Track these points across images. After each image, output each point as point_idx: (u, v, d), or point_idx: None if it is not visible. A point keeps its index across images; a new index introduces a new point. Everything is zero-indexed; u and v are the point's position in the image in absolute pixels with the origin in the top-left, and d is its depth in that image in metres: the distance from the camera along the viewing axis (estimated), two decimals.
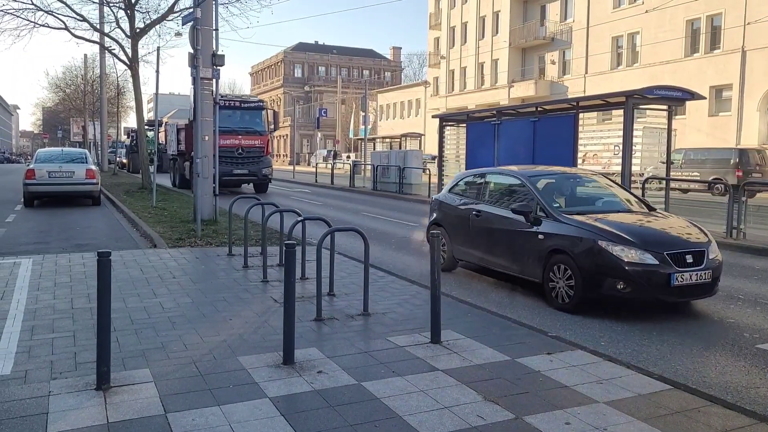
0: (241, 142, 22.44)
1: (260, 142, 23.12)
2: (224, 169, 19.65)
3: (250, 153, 22.74)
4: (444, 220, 9.20)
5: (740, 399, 4.49)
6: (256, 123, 23.33)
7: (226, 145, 20.83)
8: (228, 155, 21.26)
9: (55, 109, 70.19)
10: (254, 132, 23.11)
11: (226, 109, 21.21)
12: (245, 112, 23.13)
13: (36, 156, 19.02)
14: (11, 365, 4.60)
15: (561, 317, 6.63)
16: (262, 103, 24.11)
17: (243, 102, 23.48)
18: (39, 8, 20.56)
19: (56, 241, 11.38)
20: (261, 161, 23.03)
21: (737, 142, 31.43)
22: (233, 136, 22.00)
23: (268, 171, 23.37)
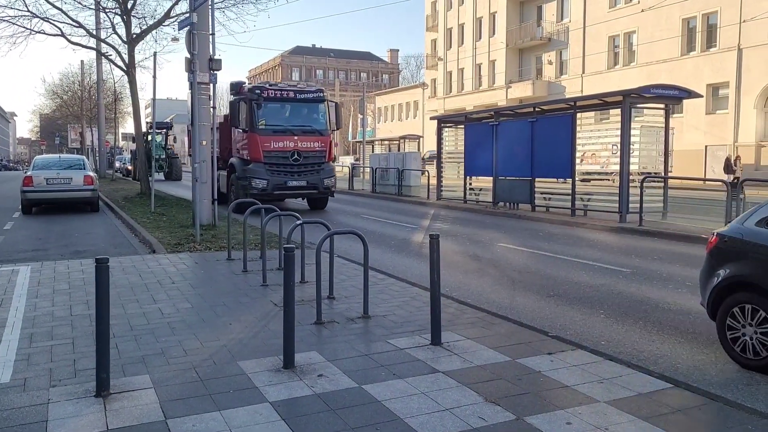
0: (298, 144, 17.07)
1: (321, 144, 17.58)
2: (276, 180, 16.75)
3: (308, 159, 17.26)
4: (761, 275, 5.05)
5: (741, 396, 4.48)
6: (315, 119, 17.85)
7: (278, 148, 16.82)
8: (280, 162, 16.88)
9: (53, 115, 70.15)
10: (313, 131, 17.58)
11: (276, 102, 17.29)
12: (301, 106, 17.82)
13: (33, 163, 18.99)
14: (10, 373, 4.58)
15: (561, 318, 6.63)
16: (322, 93, 18.22)
17: (298, 92, 17.75)
18: (35, 15, 20.56)
19: (55, 248, 11.37)
20: (322, 169, 17.56)
21: (734, 139, 31.49)
22: (287, 137, 17.07)
23: (331, 182, 17.84)
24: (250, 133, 16.81)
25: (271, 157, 16.69)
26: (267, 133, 16.77)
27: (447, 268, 9.09)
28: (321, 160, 17.57)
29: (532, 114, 17.77)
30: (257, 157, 16.69)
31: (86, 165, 19.01)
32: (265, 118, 17.06)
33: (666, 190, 15.11)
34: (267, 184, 16.59)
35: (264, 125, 16.88)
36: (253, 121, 16.79)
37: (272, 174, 16.72)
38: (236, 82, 18.06)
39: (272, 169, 16.73)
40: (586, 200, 16.18)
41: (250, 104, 16.83)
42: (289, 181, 17.04)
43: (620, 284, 8.26)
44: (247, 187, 16.45)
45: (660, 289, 7.98)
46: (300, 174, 17.23)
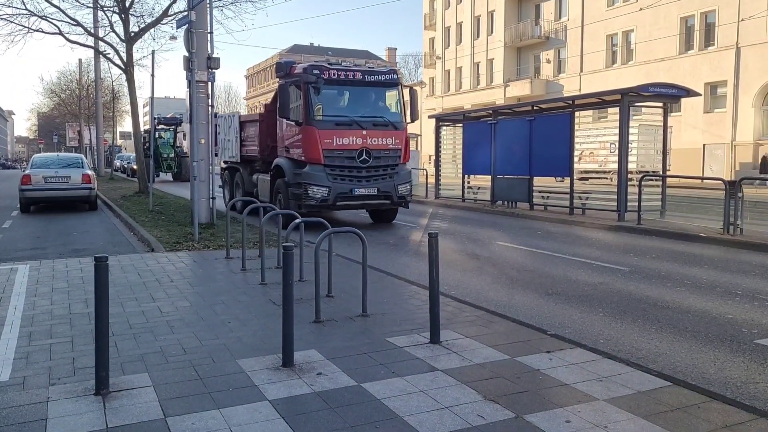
0: (367, 140, 13.11)
1: (395, 140, 13.52)
2: (340, 187, 12.85)
3: (379, 160, 13.30)
4: None
5: (740, 394, 4.49)
6: (387, 108, 13.95)
7: (342, 146, 12.90)
8: (344, 164, 12.96)
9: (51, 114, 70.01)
10: (386, 124, 13.48)
11: (339, 86, 13.38)
12: (371, 91, 13.80)
13: (32, 161, 18.98)
14: (9, 371, 4.58)
15: (560, 316, 6.64)
16: (396, 75, 14.14)
17: (367, 73, 13.57)
18: (33, 13, 20.52)
19: (53, 246, 11.35)
20: (396, 173, 13.54)
21: (732, 138, 31.52)
22: (353, 131, 13.05)
23: (407, 190, 13.82)
24: (305, 127, 12.91)
25: (334, 158, 12.82)
26: (328, 126, 12.83)
27: (446, 266, 9.10)
28: (395, 162, 13.51)
29: (531, 113, 17.78)
30: (315, 157, 12.80)
31: (84, 164, 19.00)
32: (325, 106, 13.17)
33: (664, 189, 15.14)
34: (328, 193, 12.70)
35: (323, 116, 13.02)
36: (309, 111, 12.85)
37: (334, 179, 12.82)
38: (285, 61, 14.19)
39: (334, 173, 12.83)
40: (585, 199, 16.19)
41: (305, 89, 12.94)
42: (355, 189, 12.97)
43: (618, 283, 8.27)
44: (302, 196, 12.79)
45: (658, 287, 7.99)
46: (369, 179, 13.17)
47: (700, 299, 7.34)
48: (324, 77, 12.95)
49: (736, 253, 10.69)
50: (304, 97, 12.92)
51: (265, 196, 14.56)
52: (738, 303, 7.19)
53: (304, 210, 12.21)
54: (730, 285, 8.08)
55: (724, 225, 12.00)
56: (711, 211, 14.46)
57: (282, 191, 13.59)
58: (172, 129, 36.41)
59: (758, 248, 10.90)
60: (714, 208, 14.07)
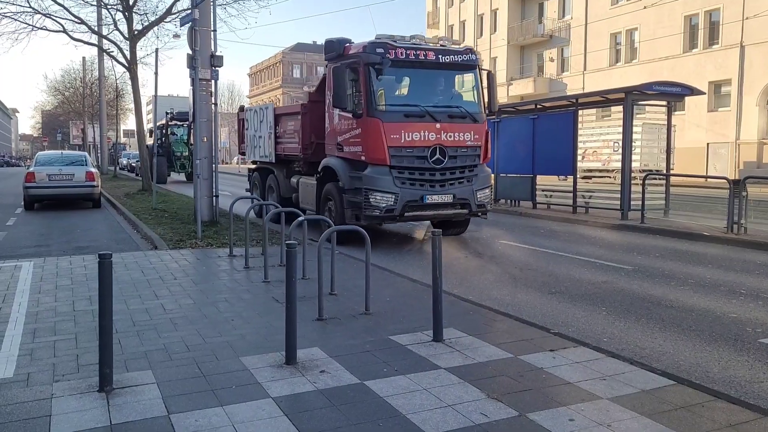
0: (441, 136, 10.61)
1: (474, 135, 11.00)
2: (409, 193, 10.38)
3: (456, 160, 10.82)
4: None
5: (744, 394, 4.48)
6: (464, 96, 11.58)
7: (412, 143, 10.42)
8: (414, 166, 10.53)
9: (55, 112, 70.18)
10: (463, 116, 11.02)
11: (408, 68, 10.77)
12: (444, 75, 11.30)
13: (36, 159, 19.02)
14: (13, 368, 4.59)
15: (563, 314, 6.63)
16: (474, 55, 11.54)
17: (441, 53, 10.95)
18: (37, 11, 20.58)
19: (57, 243, 11.38)
20: (475, 175, 11.09)
21: (736, 137, 31.43)
22: (425, 124, 10.54)
23: (486, 196, 11.36)
24: (366, 119, 10.35)
25: (401, 157, 10.33)
26: (395, 118, 10.32)
27: (449, 265, 9.09)
28: (473, 162, 10.97)
29: (534, 111, 17.76)
30: (378, 156, 10.32)
31: (88, 161, 19.03)
32: (391, 93, 10.82)
33: (668, 188, 15.09)
34: (395, 201, 10.28)
35: (389, 105, 10.49)
36: (371, 99, 10.35)
37: (402, 184, 10.35)
38: (337, 39, 11.21)
39: (402, 177, 10.37)
40: (588, 197, 16.17)
41: (366, 72, 10.38)
42: (427, 196, 10.50)
43: (622, 281, 8.25)
44: (361, 205, 10.36)
45: (662, 286, 7.97)
46: (443, 184, 10.68)
47: (704, 298, 7.33)
48: (390, 57, 10.42)
49: (740, 252, 10.67)
50: (364, 82, 10.39)
51: (309, 203, 12.33)
52: (742, 302, 7.17)
53: (364, 222, 10.14)
54: (734, 284, 8.06)
55: (728, 224, 11.97)
56: (715, 210, 14.42)
57: (334, 198, 11.11)
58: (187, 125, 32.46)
59: (762, 247, 10.87)
60: (718, 207, 14.04)
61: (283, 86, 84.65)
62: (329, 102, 11.38)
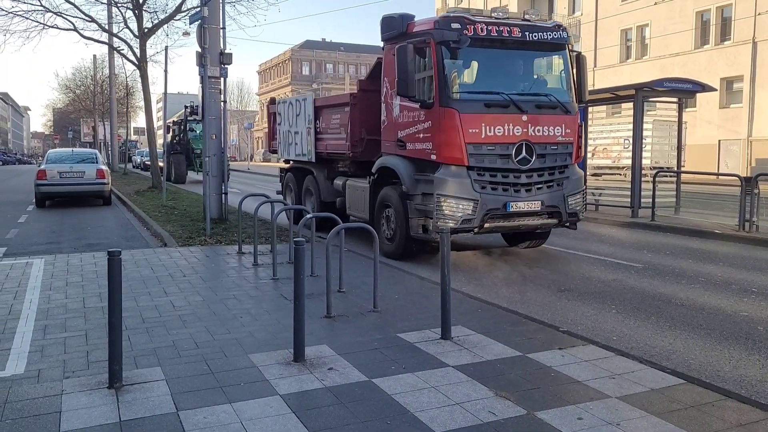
0: (528, 130, 8.85)
1: (566, 131, 9.20)
2: (491, 200, 8.58)
3: (544, 160, 9.02)
4: None
5: (755, 393, 4.44)
6: (553, 82, 9.68)
7: (494, 138, 8.63)
8: (497, 167, 8.73)
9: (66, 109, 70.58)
10: (553, 105, 9.18)
11: (486, 48, 8.92)
12: (531, 56, 9.51)
13: (47, 157, 19.16)
14: (24, 364, 4.63)
15: (572, 313, 6.60)
16: (565, 33, 9.51)
17: (528, 30, 9.11)
18: (48, 9, 20.69)
19: (68, 240, 11.45)
20: (567, 178, 9.22)
21: (749, 134, 31.17)
22: (510, 117, 8.75)
23: (579, 202, 9.41)
24: (439, 109, 8.58)
25: (482, 156, 8.56)
26: (474, 108, 8.56)
27: (457, 262, 9.08)
28: (564, 162, 9.12)
29: None
30: (454, 155, 8.53)
31: (99, 159, 19.15)
32: (469, 77, 9.11)
33: (678, 185, 14.98)
34: (474, 209, 8.46)
35: (467, 93, 8.79)
36: (445, 86, 8.58)
37: (482, 188, 8.55)
38: (399, 15, 9.58)
39: (482, 180, 8.58)
40: (598, 195, 16.07)
41: (439, 52, 8.62)
42: (511, 203, 8.65)
43: (632, 279, 8.21)
44: (431, 213, 8.60)
45: (672, 284, 7.92)
46: (530, 188, 8.84)
47: (715, 296, 7.27)
48: (468, 34, 8.54)
49: (751, 250, 10.58)
50: (436, 64, 8.58)
51: (359, 210, 10.63)
52: (753, 300, 7.11)
53: (434, 235, 8.52)
54: (745, 282, 8.00)
55: (740, 222, 11.87)
56: (726, 208, 14.30)
57: (393, 205, 9.39)
58: None
59: None
60: (729, 205, 13.92)
61: (292, 84, 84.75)
62: (386, 90, 9.72)
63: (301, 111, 12.94)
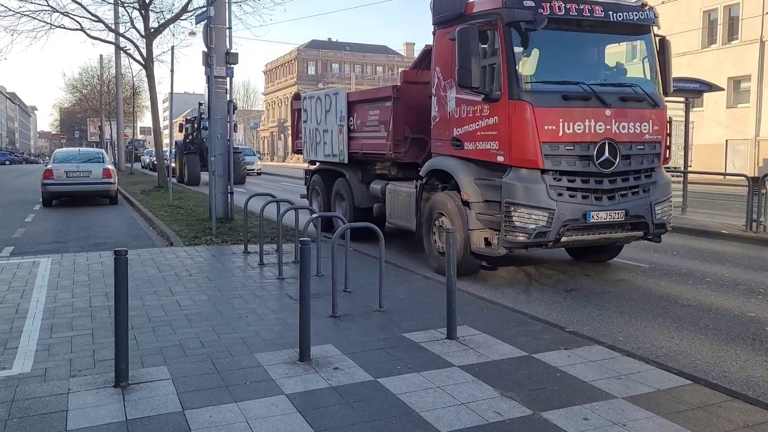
0: (612, 128, 7.56)
1: (653, 127, 7.93)
2: (570, 209, 7.40)
3: (629, 162, 7.75)
4: None
5: (762, 394, 4.42)
6: (636, 73, 8.34)
7: (572, 137, 7.40)
8: (577, 170, 7.48)
9: (72, 109, 70.95)
10: (640, 99, 7.90)
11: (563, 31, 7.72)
12: (610, 40, 8.27)
13: (54, 156, 19.24)
14: (31, 363, 4.65)
15: (578, 313, 6.58)
16: (652, 13, 8.25)
17: (611, 9, 7.75)
18: (55, 10, 20.79)
19: (74, 240, 11.50)
20: (653, 183, 7.97)
21: (756, 133, 31.00)
22: (591, 111, 7.49)
23: (665, 211, 8.07)
24: (508, 102, 7.40)
25: (559, 158, 7.39)
26: (550, 101, 7.40)
27: None
28: (651, 163, 7.97)
29: None
30: (527, 156, 7.36)
31: (105, 158, 19.22)
32: (544, 65, 7.77)
33: (685, 185, 14.91)
34: (549, 220, 7.30)
35: (541, 84, 7.57)
36: (515, 75, 7.37)
37: (559, 195, 7.37)
38: None
39: (559, 186, 7.40)
40: None
41: (507, 35, 7.42)
42: (592, 212, 7.47)
43: (638, 279, 8.18)
44: (496, 224, 7.60)
45: (679, 284, 7.89)
46: (613, 194, 7.65)
47: (722, 297, 7.24)
48: (544, 13, 7.39)
49: (758, 250, 10.53)
50: (505, 49, 7.40)
51: (403, 218, 9.57)
52: (761, 301, 7.08)
53: (501, 250, 7.60)
54: (752, 283, 7.96)
55: (747, 222, 11.82)
56: (733, 208, 14.21)
57: (448, 215, 8.15)
58: None
59: None
60: (736, 205, 13.83)
61: (298, 83, 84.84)
62: (438, 81, 8.55)
63: (331, 107, 11.58)
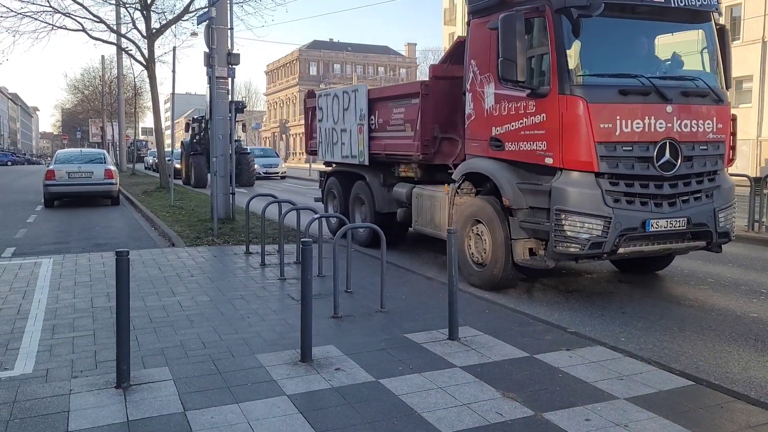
0: (674, 126, 6.73)
1: (717, 125, 7.19)
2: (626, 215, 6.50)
3: (692, 164, 6.93)
4: None
5: (764, 395, 4.41)
6: (696, 65, 7.51)
7: (631, 136, 6.55)
8: (635, 173, 6.61)
9: (74, 110, 71.06)
10: (703, 93, 7.09)
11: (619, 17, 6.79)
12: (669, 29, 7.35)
13: (55, 157, 19.26)
14: (33, 364, 4.65)
15: (580, 313, 6.57)
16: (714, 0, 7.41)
17: None
18: (57, 10, 20.78)
19: (76, 240, 11.51)
20: (716, 187, 7.25)
21: (758, 134, 30.96)
22: (651, 107, 6.65)
23: (728, 219, 7.43)
24: (558, 97, 6.63)
25: (615, 159, 6.59)
26: (605, 96, 6.62)
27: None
28: (715, 165, 7.26)
29: None
30: (580, 158, 6.57)
31: (107, 159, 19.24)
32: (598, 57, 6.96)
33: None
34: (605, 229, 6.48)
35: (592, 77, 6.71)
36: (565, 67, 6.59)
37: (616, 202, 6.57)
38: None
39: (616, 191, 6.61)
40: None
41: (558, 22, 6.64)
42: (652, 220, 6.64)
43: (640, 280, 8.17)
44: (543, 233, 6.83)
45: (681, 285, 7.88)
46: (674, 200, 6.85)
47: (724, 298, 7.23)
48: None
49: (761, 251, 10.51)
50: (555, 38, 6.62)
51: (432, 225, 8.74)
52: (762, 302, 7.06)
53: (549, 262, 6.85)
54: (754, 283, 7.95)
55: (749, 222, 11.79)
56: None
57: (486, 222, 7.43)
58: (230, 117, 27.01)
59: None
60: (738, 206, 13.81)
61: (299, 84, 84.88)
62: (473, 76, 7.75)
63: (350, 104, 10.78)
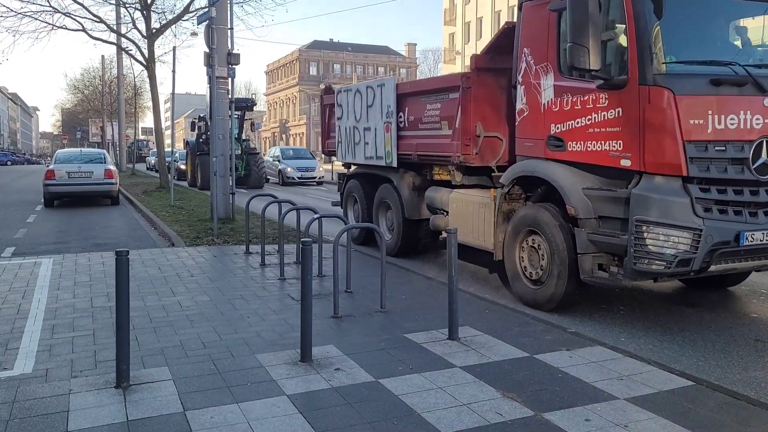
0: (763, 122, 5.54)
1: None
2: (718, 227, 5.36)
3: None
4: None
5: (764, 395, 4.41)
6: None
7: (722, 134, 5.43)
8: (728, 177, 5.44)
9: (74, 110, 71.03)
10: None
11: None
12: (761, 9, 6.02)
13: (55, 157, 19.25)
14: (32, 364, 4.65)
15: (580, 313, 6.57)
16: None
17: None
18: (57, 10, 20.77)
19: (76, 240, 11.50)
20: None
21: None
22: (746, 100, 5.52)
23: None
24: (638, 88, 5.54)
25: (706, 161, 5.45)
26: (694, 87, 5.49)
27: (464, 263, 9.06)
28: None
29: None
30: (666, 159, 5.47)
31: (107, 159, 19.23)
32: (683, 42, 5.85)
33: None
34: (694, 244, 5.32)
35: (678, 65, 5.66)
36: (646, 53, 5.49)
37: (706, 211, 5.39)
38: None
39: (707, 198, 5.42)
40: None
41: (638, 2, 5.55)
42: (746, 232, 5.45)
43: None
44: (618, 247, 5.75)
45: (681, 285, 7.87)
46: None
47: (724, 298, 7.22)
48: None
49: None
50: (634, 19, 5.60)
51: (476, 236, 7.78)
52: (763, 302, 7.06)
53: (626, 281, 5.79)
54: (754, 284, 7.94)
55: None
56: None
57: (546, 234, 6.43)
58: (238, 116, 24.22)
59: None
60: None
61: (299, 84, 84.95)
62: (527, 66, 6.82)
63: (375, 101, 9.73)
